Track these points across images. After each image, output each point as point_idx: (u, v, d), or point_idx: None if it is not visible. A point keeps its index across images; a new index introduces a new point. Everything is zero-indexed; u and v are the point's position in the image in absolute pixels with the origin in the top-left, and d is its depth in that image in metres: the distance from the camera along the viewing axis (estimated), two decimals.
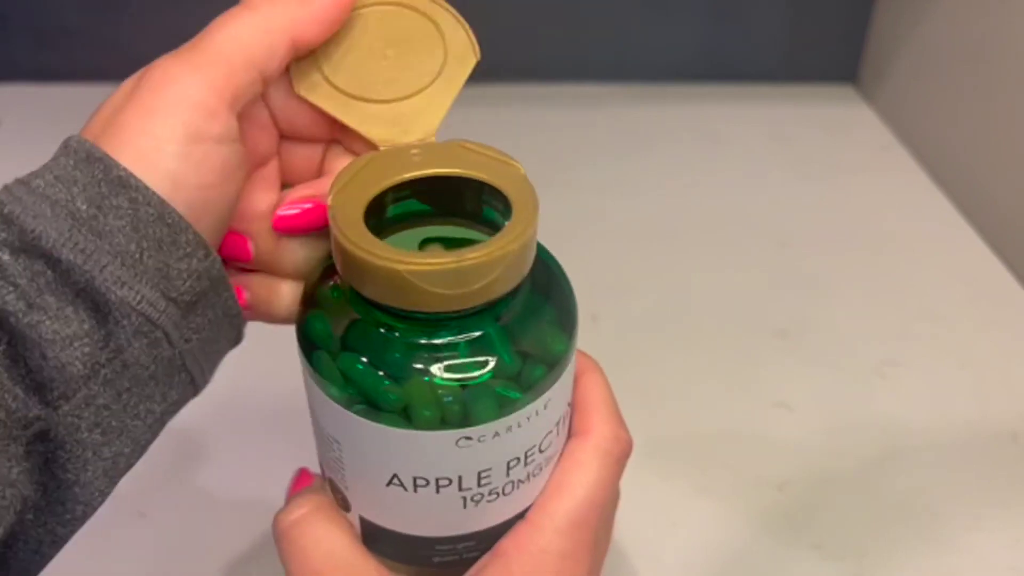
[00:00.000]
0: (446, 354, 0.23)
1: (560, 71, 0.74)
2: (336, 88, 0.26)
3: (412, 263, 0.21)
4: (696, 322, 0.51)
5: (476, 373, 0.23)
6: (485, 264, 0.22)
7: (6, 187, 0.25)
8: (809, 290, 0.53)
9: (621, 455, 0.28)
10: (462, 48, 0.27)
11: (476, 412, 0.23)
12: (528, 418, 0.24)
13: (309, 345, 0.24)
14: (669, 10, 0.72)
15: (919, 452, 0.43)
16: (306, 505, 0.27)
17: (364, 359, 0.23)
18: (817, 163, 0.67)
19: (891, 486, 0.42)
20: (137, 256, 0.23)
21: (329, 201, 0.24)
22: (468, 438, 0.23)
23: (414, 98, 0.26)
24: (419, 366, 0.23)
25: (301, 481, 0.29)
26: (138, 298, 0.23)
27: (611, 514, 0.29)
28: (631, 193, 0.62)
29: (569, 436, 0.28)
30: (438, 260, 0.21)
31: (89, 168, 0.24)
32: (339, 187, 0.24)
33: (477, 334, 0.23)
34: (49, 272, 0.22)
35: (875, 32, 0.74)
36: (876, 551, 0.39)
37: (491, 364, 0.23)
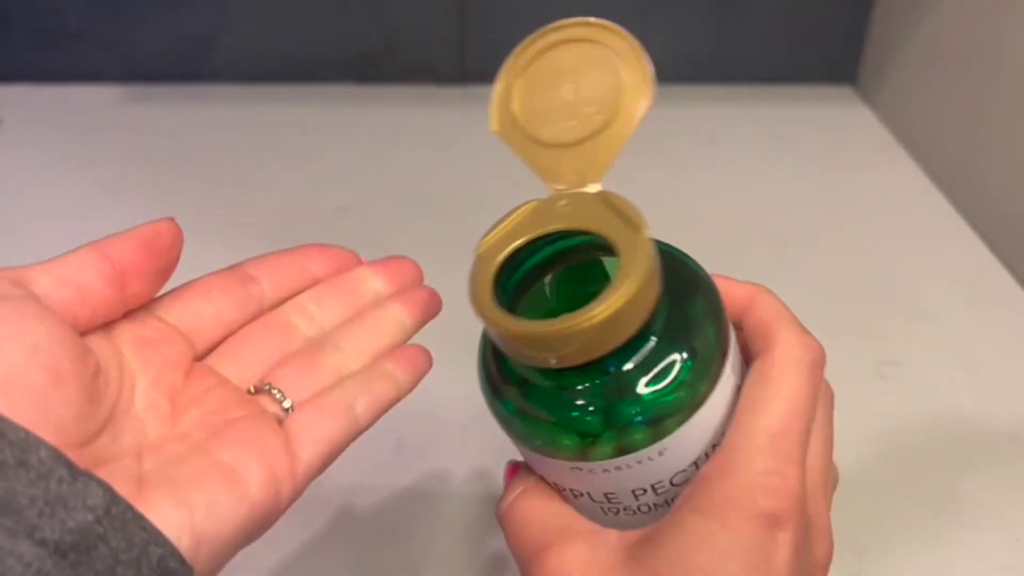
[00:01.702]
0: (583, 398, 0.24)
1: None
2: (525, 132, 0.27)
3: (514, 328, 0.23)
4: None
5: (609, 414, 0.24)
6: (571, 333, 0.22)
7: None
8: (808, 290, 0.53)
9: (814, 362, 0.27)
10: (637, 85, 0.26)
11: (610, 448, 0.25)
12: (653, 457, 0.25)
13: (487, 388, 0.27)
14: (669, 11, 0.72)
15: (918, 452, 0.43)
16: (518, 488, 0.29)
17: (518, 404, 0.26)
18: (816, 163, 0.67)
19: (890, 485, 0.42)
20: None
21: (477, 255, 0.26)
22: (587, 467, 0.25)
23: (586, 144, 0.26)
24: (564, 407, 0.25)
25: (512, 471, 0.30)
26: None
27: (824, 426, 0.28)
28: (630, 193, 0.62)
29: (750, 359, 0.27)
30: (534, 328, 0.23)
31: None
32: (486, 247, 0.26)
33: (601, 379, 0.24)
34: None
35: (874, 33, 0.74)
36: (875, 550, 0.39)
37: (622, 408, 0.24)
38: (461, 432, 0.44)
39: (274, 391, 0.27)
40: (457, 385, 0.49)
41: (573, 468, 0.25)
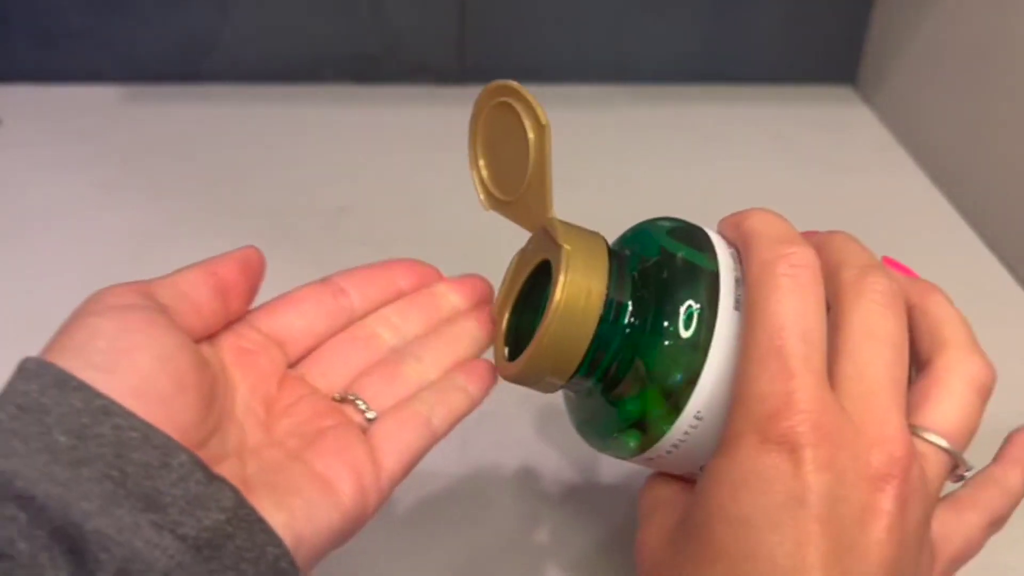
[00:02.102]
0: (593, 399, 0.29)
1: (560, 72, 0.74)
2: (497, 198, 0.32)
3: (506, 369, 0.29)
4: None
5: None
6: (530, 368, 0.28)
7: None
8: None
9: (983, 387, 0.28)
10: (532, 122, 0.30)
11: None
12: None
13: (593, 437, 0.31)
14: (668, 11, 0.72)
15: None
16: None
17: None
18: (816, 163, 0.67)
19: None
20: (120, 481, 0.21)
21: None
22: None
23: (526, 192, 0.31)
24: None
25: None
26: (117, 527, 0.20)
27: (876, 323, 0.26)
28: (630, 193, 0.62)
29: (921, 363, 0.28)
30: (512, 367, 0.28)
31: (63, 396, 0.22)
32: (496, 311, 0.31)
33: (588, 385, 0.29)
34: (22, 515, 0.20)
35: (874, 33, 0.74)
36: None
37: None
38: (461, 433, 0.44)
39: (358, 401, 0.29)
40: None
41: (646, 458, 0.28)
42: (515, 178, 0.31)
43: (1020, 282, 0.55)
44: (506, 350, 0.30)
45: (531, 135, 0.30)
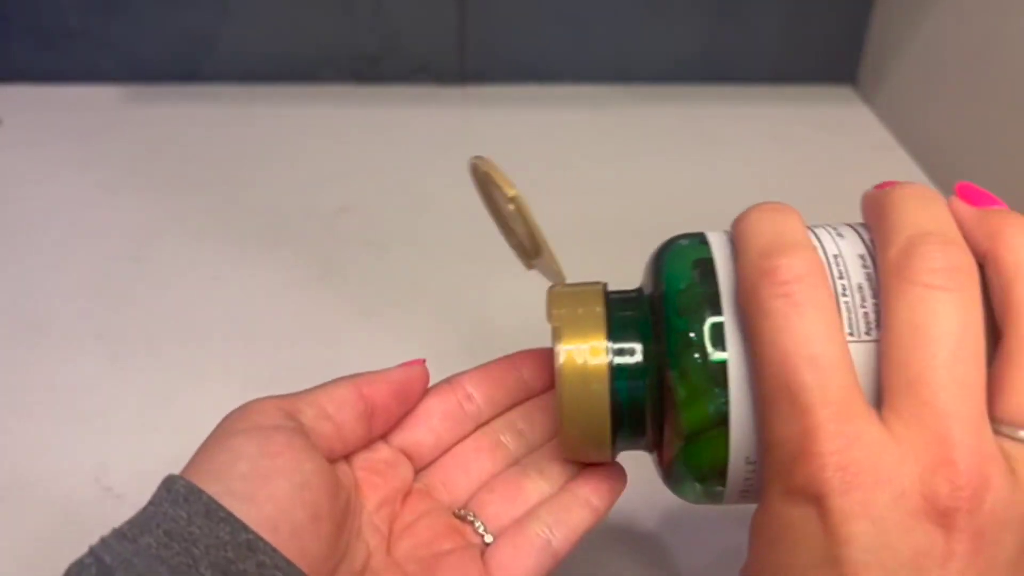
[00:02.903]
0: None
1: (560, 71, 0.74)
2: (529, 259, 0.31)
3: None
4: None
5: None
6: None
7: (104, 542, 0.22)
8: None
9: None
10: (503, 195, 0.29)
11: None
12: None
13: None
14: (668, 11, 0.72)
15: None
16: None
17: None
18: (816, 163, 0.67)
19: None
20: None
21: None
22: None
23: (534, 260, 0.30)
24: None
25: None
26: None
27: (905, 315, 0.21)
28: (630, 193, 0.62)
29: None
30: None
31: (211, 527, 0.22)
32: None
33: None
34: None
35: (874, 33, 0.74)
36: None
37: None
38: None
39: (476, 523, 0.29)
40: None
41: (742, 501, 0.26)
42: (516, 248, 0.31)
43: None
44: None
45: (510, 207, 0.29)
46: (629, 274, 0.55)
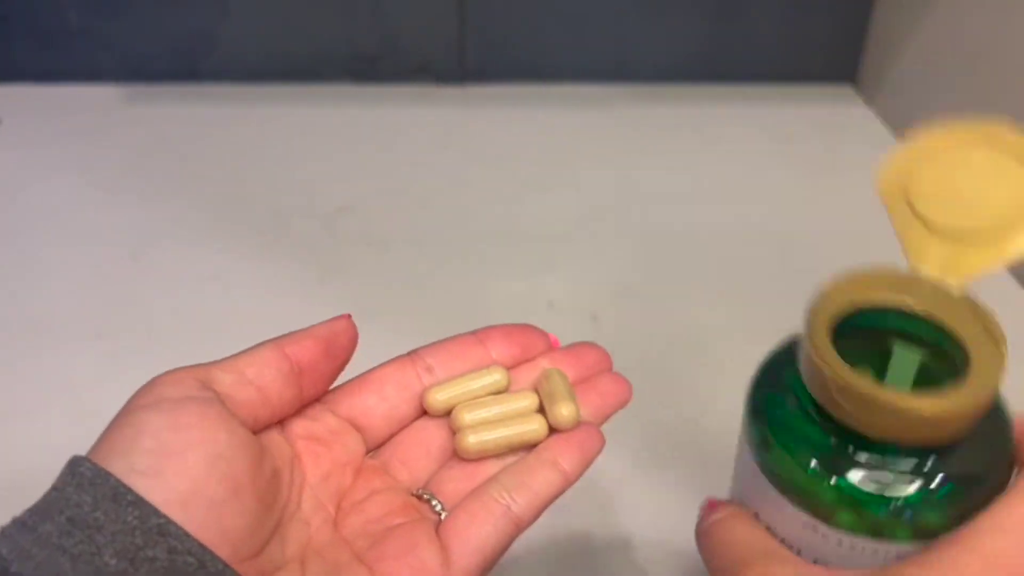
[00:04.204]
0: (872, 472, 0.24)
1: (560, 71, 0.74)
2: (911, 205, 0.27)
3: (906, 403, 0.23)
4: (697, 322, 0.51)
5: (889, 495, 0.24)
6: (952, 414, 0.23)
7: (4, 532, 0.20)
8: (808, 290, 0.53)
9: None
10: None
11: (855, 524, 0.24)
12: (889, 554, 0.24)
13: (764, 419, 0.27)
14: (668, 11, 0.72)
15: None
16: (726, 509, 0.29)
17: (802, 448, 0.25)
18: (816, 163, 0.67)
19: None
20: None
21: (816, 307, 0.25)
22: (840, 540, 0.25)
23: (966, 243, 0.26)
24: (838, 472, 0.24)
25: (712, 504, 0.30)
26: None
27: None
28: (631, 193, 0.62)
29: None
30: (921, 404, 0.23)
31: (118, 512, 0.20)
32: (833, 287, 0.26)
33: (909, 465, 0.24)
34: None
35: (875, 32, 0.74)
36: None
37: (902, 495, 0.24)
38: None
39: (434, 501, 0.27)
40: None
41: (808, 524, 0.25)
42: (954, 214, 0.26)
43: (1020, 282, 0.55)
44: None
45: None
46: (627, 273, 0.55)
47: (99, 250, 0.54)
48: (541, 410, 0.29)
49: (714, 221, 0.59)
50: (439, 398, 0.29)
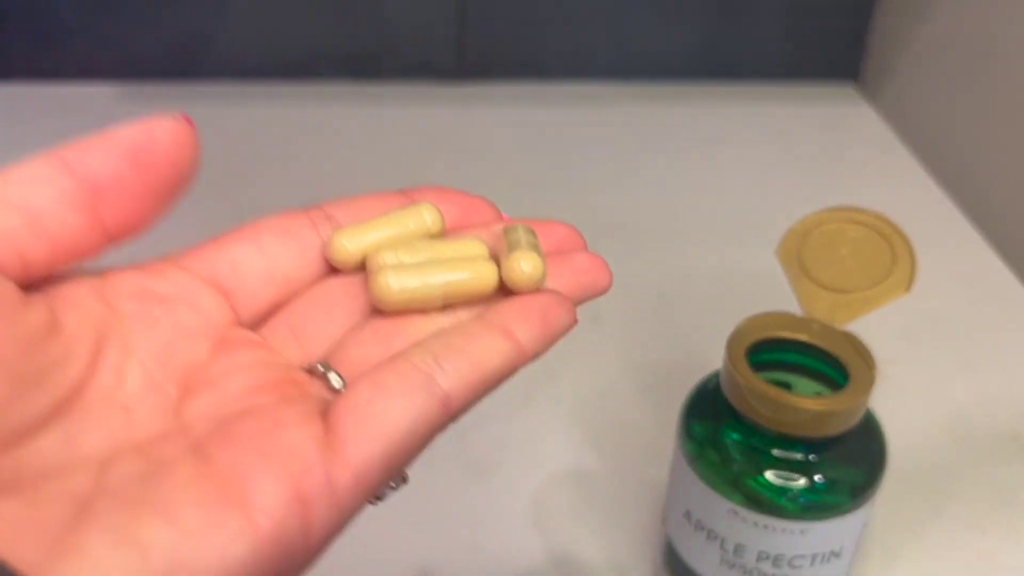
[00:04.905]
0: (779, 465, 0.31)
1: (560, 70, 0.73)
2: (802, 266, 0.33)
3: (798, 402, 0.30)
4: (697, 322, 0.50)
5: (792, 484, 0.31)
6: (841, 411, 0.30)
7: None
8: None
9: None
10: (901, 279, 0.32)
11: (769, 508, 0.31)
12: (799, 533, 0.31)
13: (695, 434, 0.33)
14: (668, 8, 0.71)
15: (919, 452, 0.43)
16: None
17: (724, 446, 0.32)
18: (818, 162, 0.66)
19: (891, 486, 0.41)
20: None
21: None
22: (738, 515, 0.31)
23: (847, 297, 0.33)
24: (757, 466, 0.31)
25: None
26: None
27: None
28: (631, 193, 0.62)
29: None
30: (812, 403, 0.30)
31: None
32: (746, 322, 0.33)
33: (799, 456, 0.31)
34: None
35: (877, 30, 0.73)
36: (876, 551, 0.38)
37: (802, 482, 0.31)
38: (460, 434, 0.43)
39: (330, 374, 0.20)
40: None
41: (731, 511, 0.31)
42: (837, 274, 0.33)
43: (1022, 281, 0.55)
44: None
45: (896, 284, 0.33)
46: (627, 272, 0.55)
47: None
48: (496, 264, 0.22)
49: (713, 219, 0.59)
50: (347, 244, 0.22)
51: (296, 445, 0.17)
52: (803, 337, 0.32)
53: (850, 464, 0.32)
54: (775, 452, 0.31)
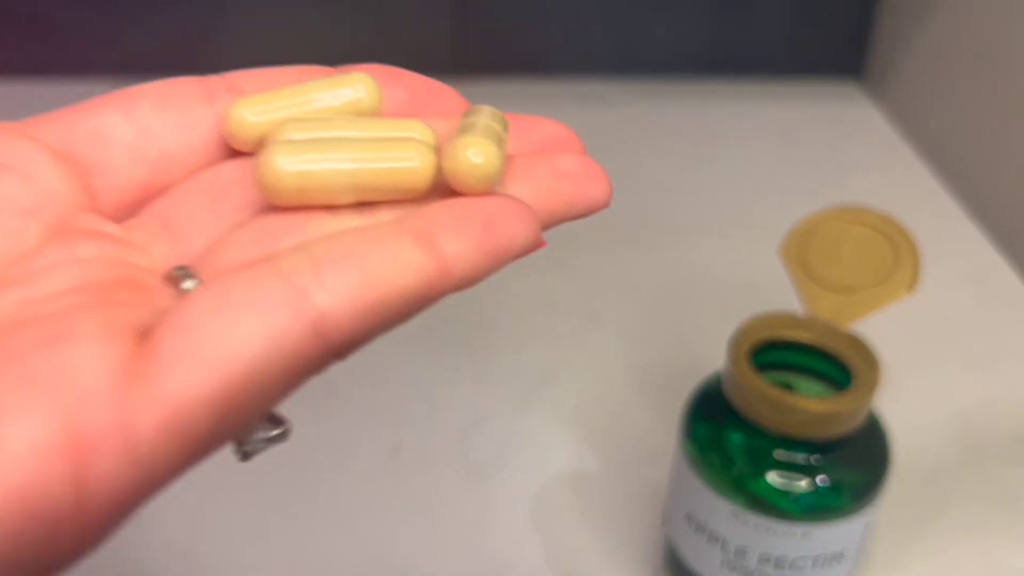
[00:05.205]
0: (782, 467, 0.31)
1: (559, 66, 0.73)
2: (805, 265, 0.33)
3: (800, 403, 0.30)
4: (699, 322, 0.50)
5: (795, 485, 0.31)
6: (841, 413, 0.30)
7: None
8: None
9: None
10: (905, 279, 0.32)
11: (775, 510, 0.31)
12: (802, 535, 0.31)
13: (698, 437, 0.33)
14: (669, 4, 0.71)
15: (920, 452, 0.43)
16: None
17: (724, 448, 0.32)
18: (821, 160, 0.66)
19: (891, 486, 0.41)
20: None
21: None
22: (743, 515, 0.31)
23: (850, 297, 0.32)
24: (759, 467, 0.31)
25: None
26: None
27: None
28: (632, 190, 0.61)
29: None
30: (813, 405, 0.30)
31: None
32: (748, 322, 0.32)
33: (801, 458, 0.31)
34: None
35: (881, 26, 0.73)
36: (876, 551, 0.38)
37: (804, 483, 0.31)
38: (461, 435, 0.43)
39: (187, 282, 0.15)
40: (458, 386, 0.48)
41: (733, 513, 0.31)
42: (840, 274, 0.33)
43: (1022, 281, 0.55)
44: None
45: (899, 284, 0.33)
46: (628, 271, 0.55)
47: None
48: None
49: (715, 218, 0.59)
50: (247, 115, 0.18)
51: (78, 368, 0.12)
52: (806, 338, 0.32)
53: (853, 466, 0.32)
54: (777, 454, 0.31)
